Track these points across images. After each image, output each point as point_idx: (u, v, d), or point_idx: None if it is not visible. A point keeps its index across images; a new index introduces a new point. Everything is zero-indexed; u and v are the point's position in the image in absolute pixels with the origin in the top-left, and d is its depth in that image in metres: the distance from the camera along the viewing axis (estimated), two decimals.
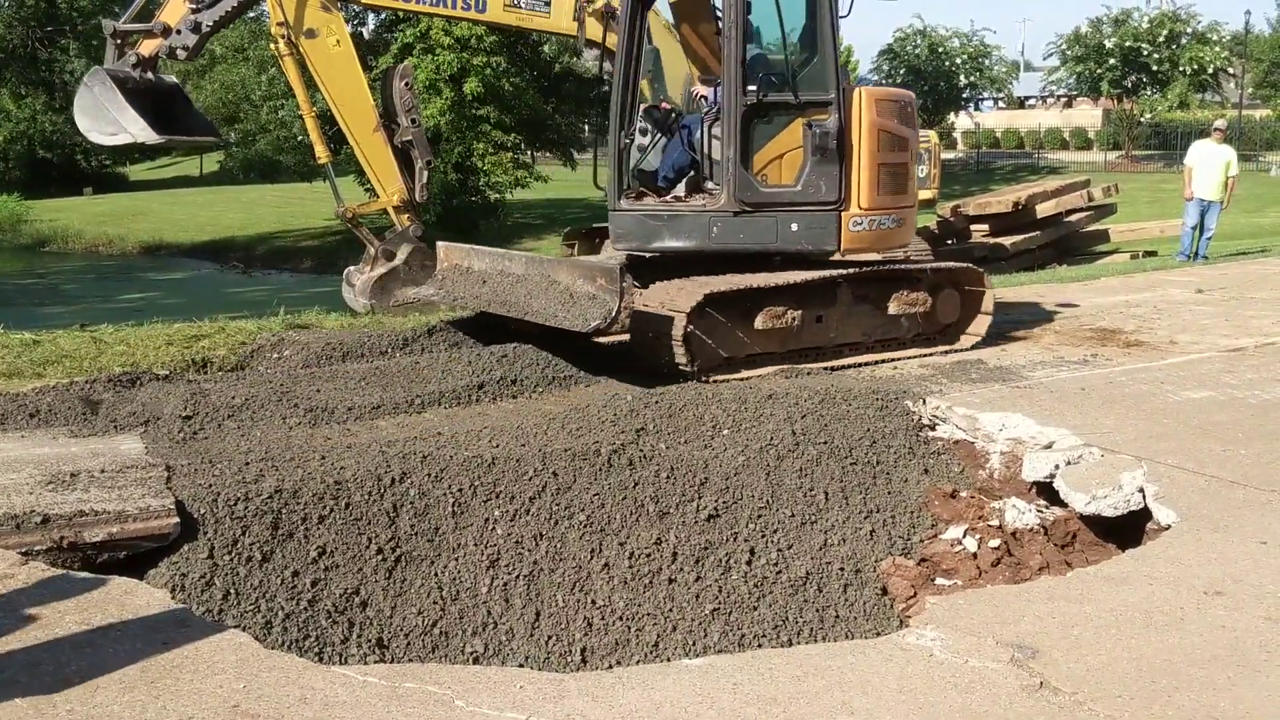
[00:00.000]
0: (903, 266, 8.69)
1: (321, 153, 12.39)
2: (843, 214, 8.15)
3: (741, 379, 7.64)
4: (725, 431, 6.62)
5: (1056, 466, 6.06)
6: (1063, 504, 5.93)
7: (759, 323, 7.80)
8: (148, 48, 10.50)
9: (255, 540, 5.23)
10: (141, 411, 6.70)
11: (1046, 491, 6.14)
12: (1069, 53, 50.99)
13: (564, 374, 7.71)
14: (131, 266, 36.09)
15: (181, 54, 10.47)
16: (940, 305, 8.73)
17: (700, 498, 6.21)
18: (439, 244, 9.31)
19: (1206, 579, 4.52)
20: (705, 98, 8.77)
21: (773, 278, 7.84)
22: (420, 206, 12.32)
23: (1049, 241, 18.21)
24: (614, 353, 8.24)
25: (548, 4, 11.54)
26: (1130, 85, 49.90)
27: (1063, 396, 7.29)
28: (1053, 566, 5.59)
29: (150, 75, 10.38)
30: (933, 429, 6.94)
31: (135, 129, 9.71)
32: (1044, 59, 59.95)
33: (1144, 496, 5.58)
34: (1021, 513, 5.96)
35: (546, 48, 35.01)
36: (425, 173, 11.91)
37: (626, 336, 7.97)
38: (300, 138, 29.20)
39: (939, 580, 5.84)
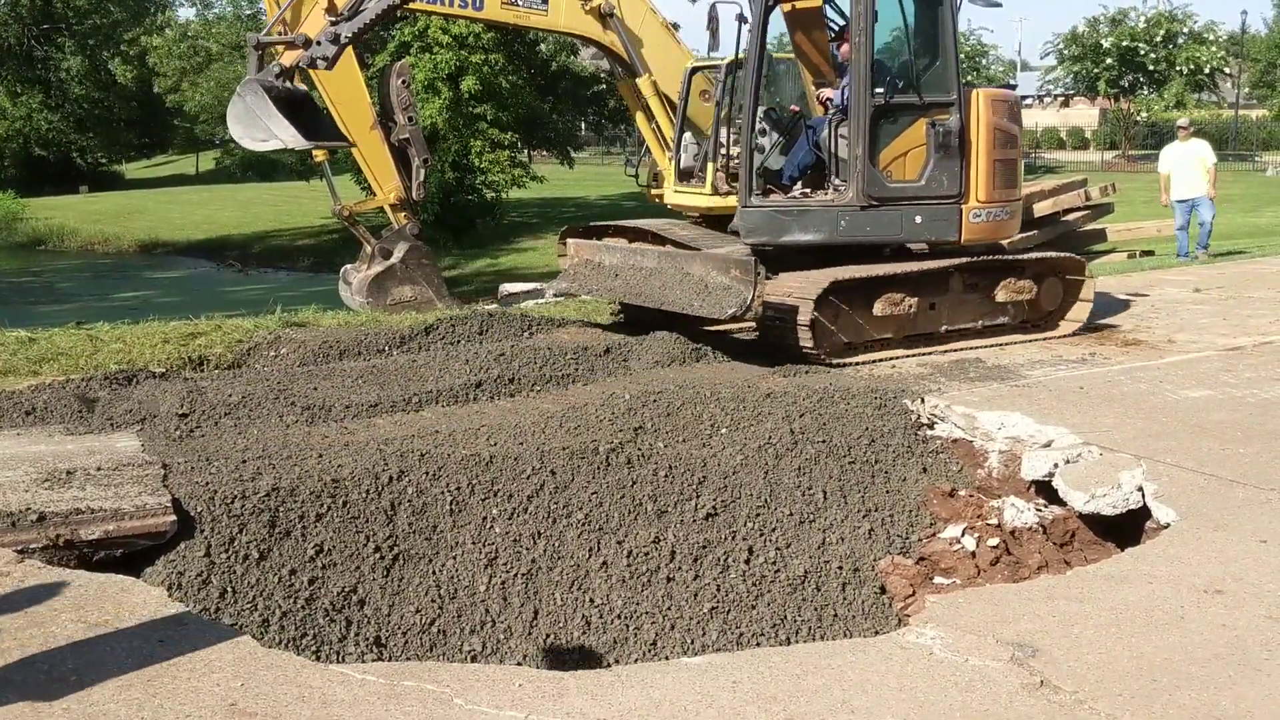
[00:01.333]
0: (1013, 256, 9.24)
1: (318, 151, 12.37)
2: (963, 207, 8.74)
3: (866, 362, 8.31)
4: (723, 430, 6.61)
5: (1055, 465, 6.05)
6: (1062, 503, 5.92)
7: (878, 309, 8.36)
8: (289, 58, 10.76)
9: (252, 538, 5.21)
10: (138, 409, 6.68)
11: (1045, 490, 6.13)
12: (1066, 52, 51.01)
13: (561, 373, 7.70)
14: (128, 265, 36.01)
15: (321, 64, 10.84)
16: (1044, 293, 9.23)
17: (698, 496, 6.19)
18: (569, 240, 9.96)
19: (1206, 577, 4.52)
20: (830, 100, 9.23)
21: (891, 267, 8.50)
22: (417, 205, 12.31)
23: (1046, 241, 18.18)
24: (611, 352, 8.23)
25: (545, 2, 11.54)
26: (1127, 85, 49.93)
27: (1061, 395, 7.28)
28: (1052, 565, 5.58)
29: (289, 84, 10.67)
30: (931, 428, 6.93)
31: (286, 135, 10.09)
32: (1041, 58, 60.04)
33: (1143, 495, 5.57)
34: (1020, 511, 5.95)
35: (543, 46, 34.99)
36: (422, 171, 11.91)
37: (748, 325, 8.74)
38: None
39: (937, 579, 5.83)
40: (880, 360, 8.37)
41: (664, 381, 7.44)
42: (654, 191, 16.11)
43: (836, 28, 9.62)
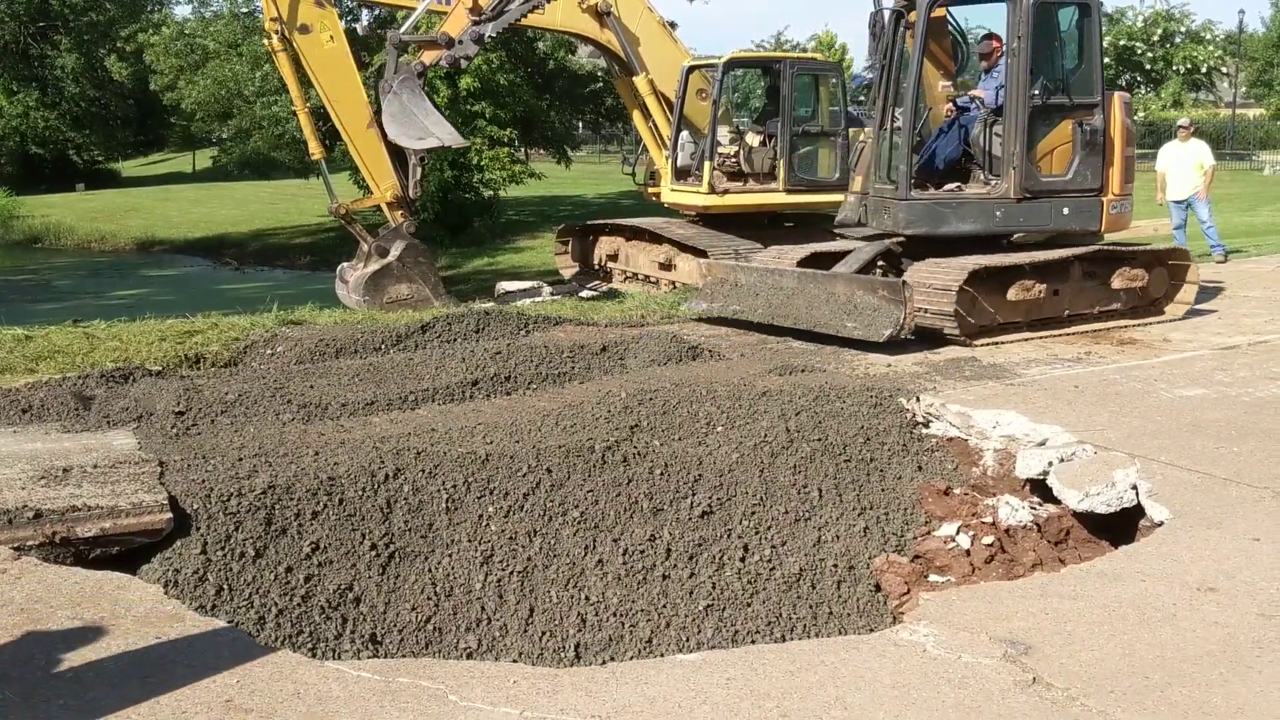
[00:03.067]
0: (1121, 248, 9.92)
1: (315, 149, 12.37)
2: (1104, 199, 9.64)
3: (997, 343, 8.90)
4: (719, 429, 6.62)
5: (1050, 464, 6.07)
6: (1056, 501, 5.94)
7: (1011, 294, 9.04)
8: (430, 57, 10.85)
9: (248, 536, 5.22)
10: (134, 407, 6.69)
11: (1040, 488, 6.15)
12: None
13: (557, 371, 7.71)
14: (124, 263, 35.96)
15: (464, 63, 11.03)
16: (1152, 281, 9.93)
17: (694, 495, 6.21)
18: (702, 261, 10.69)
19: (1199, 575, 4.54)
20: (981, 100, 9.87)
21: (1024, 257, 9.23)
22: (414, 203, 12.30)
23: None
24: (607, 350, 8.24)
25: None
26: (1124, 84, 49.93)
27: (1056, 394, 7.30)
28: (1046, 563, 5.60)
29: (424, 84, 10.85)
30: (926, 426, 6.95)
31: (444, 134, 10.40)
32: None
33: (1137, 494, 5.59)
34: (1015, 510, 5.97)
35: (541, 44, 34.96)
36: (419, 169, 11.90)
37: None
38: (295, 134, 29.09)
39: (932, 577, 5.84)
40: (1013, 341, 9.04)
41: (660, 380, 7.45)
42: (651, 190, 16.11)
43: (958, 32, 10.47)
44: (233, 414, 6.62)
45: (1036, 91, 9.29)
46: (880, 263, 9.93)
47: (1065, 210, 9.58)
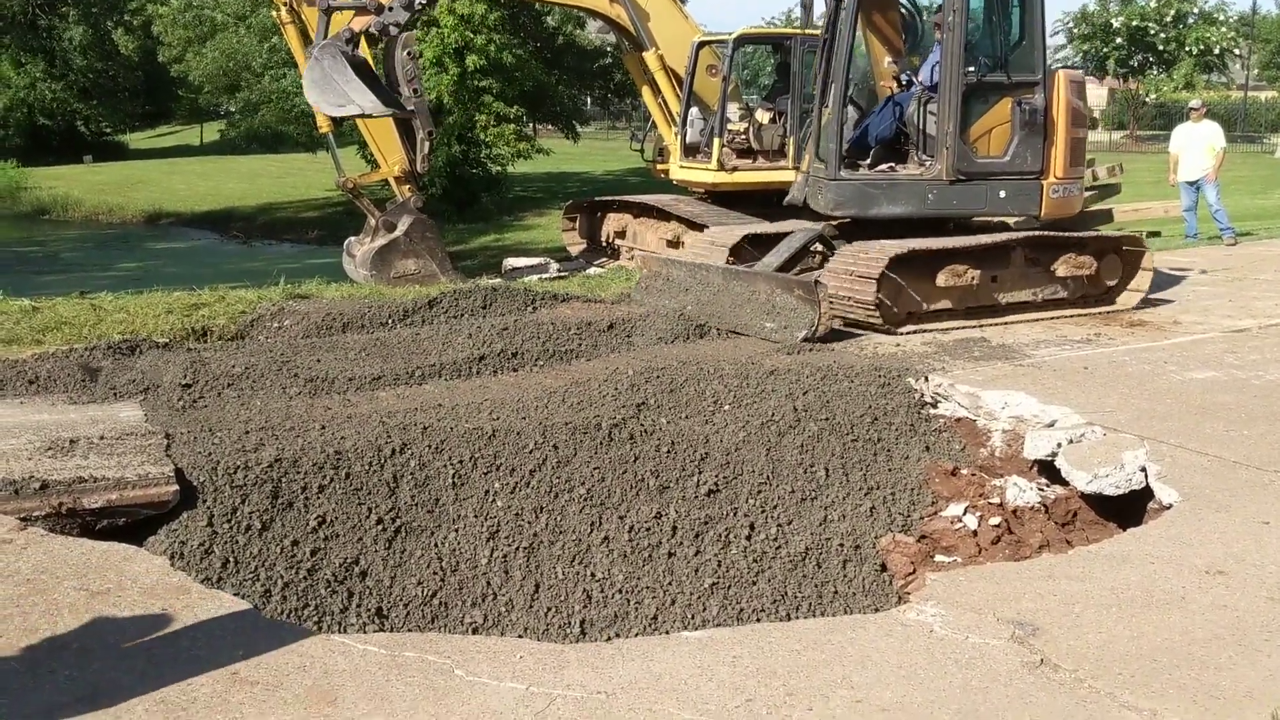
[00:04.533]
0: (1065, 234, 9.44)
1: (323, 123, 12.32)
2: (1044, 182, 9.22)
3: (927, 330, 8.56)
4: (726, 407, 6.60)
5: (1058, 445, 6.04)
6: (1064, 482, 5.92)
7: (941, 280, 8.66)
8: (359, 23, 10.69)
9: (255, 509, 5.22)
10: (141, 379, 6.68)
11: (1048, 470, 6.13)
12: (1075, 30, 50.71)
13: (564, 348, 7.69)
14: (131, 235, 35.97)
15: (394, 30, 10.78)
16: (1103, 268, 9.50)
17: (700, 473, 6.19)
18: (639, 255, 10.15)
19: (1208, 558, 4.52)
20: (916, 77, 9.58)
21: (955, 241, 8.81)
22: (422, 178, 12.27)
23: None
24: (614, 327, 8.22)
25: None
26: (1136, 65, 49.65)
27: (1065, 375, 7.27)
28: (1053, 545, 5.58)
29: (355, 51, 10.63)
30: (934, 406, 6.92)
31: (365, 101, 10.14)
32: (1050, 36, 59.65)
33: (1146, 476, 5.57)
34: (1023, 491, 5.95)
35: (550, 19, 34.80)
36: (427, 144, 11.86)
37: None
38: (303, 107, 29.06)
39: (939, 557, 5.83)
40: (942, 329, 8.70)
41: (667, 357, 7.43)
42: (659, 167, 16.04)
43: (909, 8, 10.11)
44: (239, 387, 6.62)
45: (972, 68, 8.95)
46: (819, 247, 9.61)
47: (1002, 193, 9.19)
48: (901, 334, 8.44)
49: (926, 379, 7.08)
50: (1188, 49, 47.70)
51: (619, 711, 3.33)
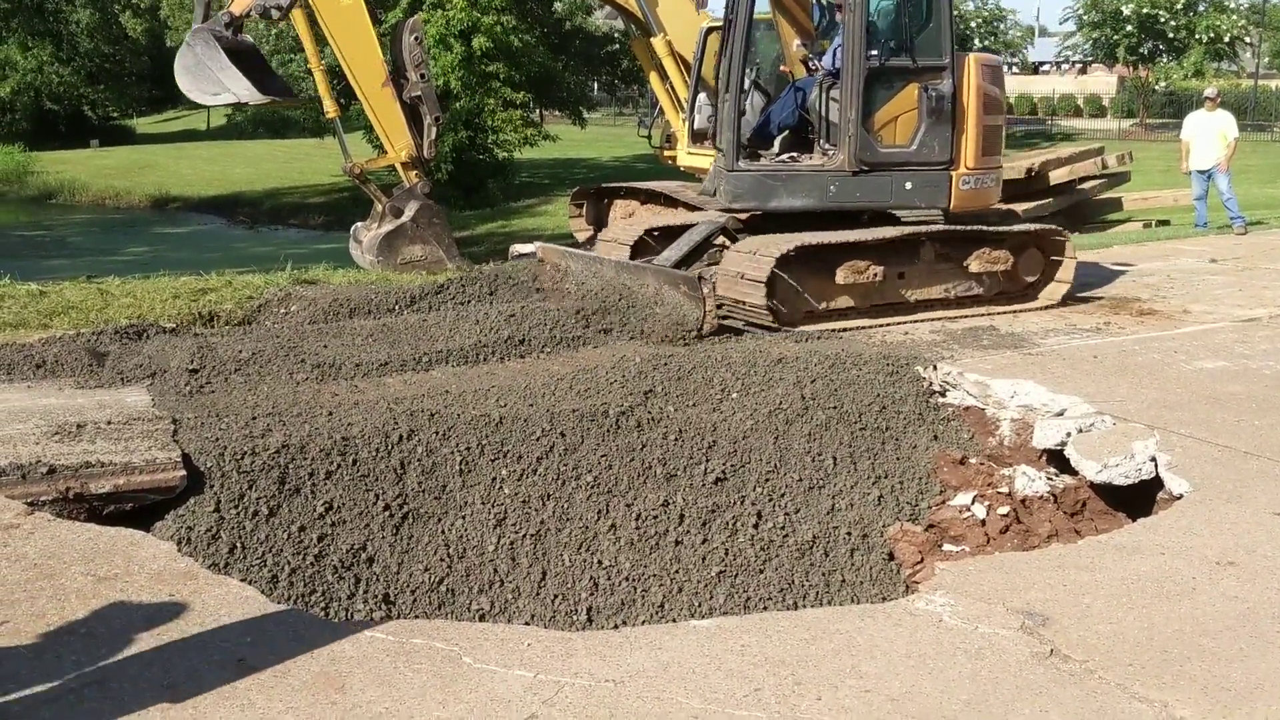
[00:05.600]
0: (984, 228, 8.94)
1: (330, 108, 12.28)
2: (953, 173, 8.63)
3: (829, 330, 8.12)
4: (734, 395, 6.58)
5: (1068, 434, 6.01)
6: (1073, 472, 5.89)
7: (841, 277, 8.16)
8: (240, 6, 10.40)
9: (262, 495, 5.22)
10: (148, 364, 6.67)
11: (1057, 459, 6.10)
12: (1085, 18, 50.42)
13: (572, 335, 7.66)
14: (138, 220, 35.99)
15: (275, 13, 10.42)
16: (1023, 264, 9.02)
17: (708, 461, 6.18)
18: (539, 245, 9.64)
19: (1219, 549, 4.49)
20: (819, 62, 9.01)
21: (855, 235, 8.27)
22: (429, 163, 12.23)
23: (1061, 209, 18.04)
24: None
25: None
26: (1146, 52, 49.39)
27: (1075, 364, 7.24)
28: (1062, 535, 5.56)
29: (237, 36, 10.34)
30: (943, 395, 6.90)
31: (239, 89, 9.79)
32: (1060, 24, 59.33)
33: (1156, 466, 5.54)
34: (1031, 480, 5.93)
35: (558, 5, 34.70)
36: (434, 129, 11.81)
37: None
38: (309, 92, 29.04)
39: (946, 547, 5.82)
40: (846, 329, 8.17)
41: (675, 345, 7.41)
42: (667, 153, 15.98)
43: None
44: (246, 373, 6.61)
45: (875, 52, 8.39)
46: (722, 240, 8.99)
47: (908, 185, 8.59)
48: (800, 331, 7.96)
49: (935, 367, 7.06)
50: (1198, 37, 47.40)
51: (627, 700, 3.32)
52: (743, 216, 8.92)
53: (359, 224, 12.73)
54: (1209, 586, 4.18)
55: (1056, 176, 17.71)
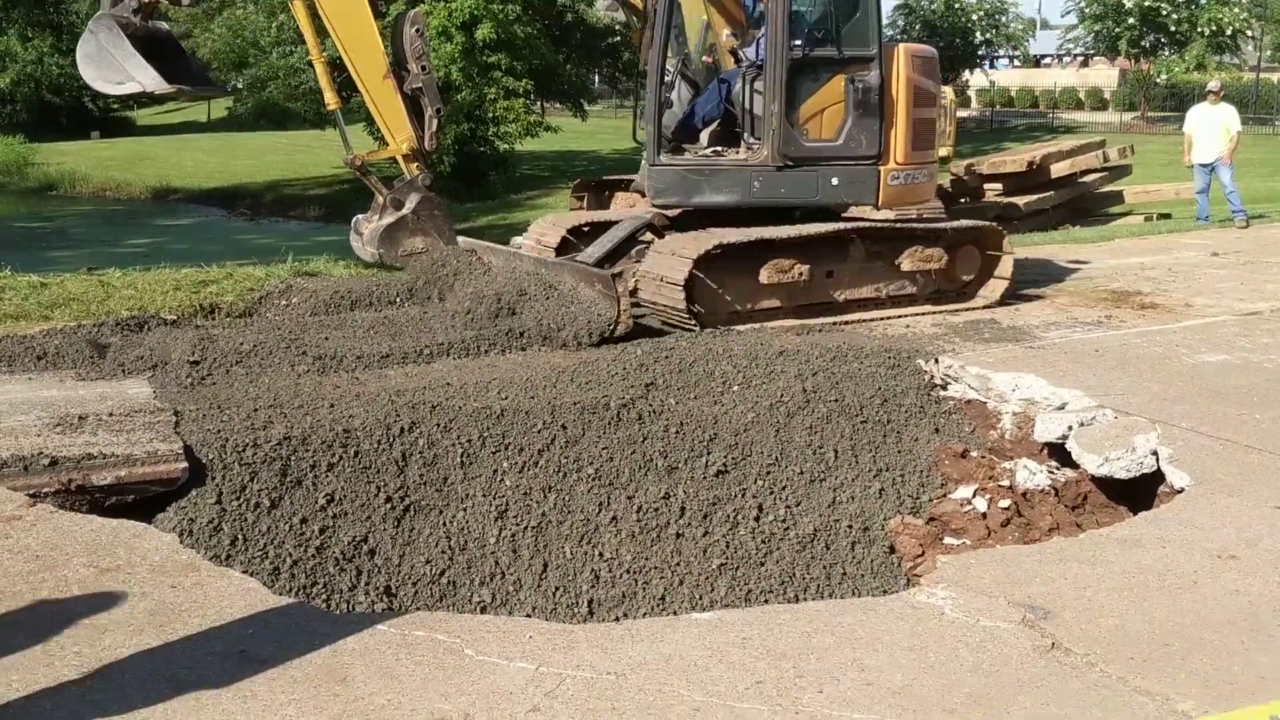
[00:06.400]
0: (921, 225, 8.61)
1: (331, 100, 12.25)
2: (881, 168, 8.30)
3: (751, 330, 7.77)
4: (735, 388, 6.58)
5: (1069, 428, 6.01)
6: (1075, 465, 5.89)
7: (764, 277, 7.84)
8: None
9: (263, 487, 5.22)
10: (149, 356, 6.67)
11: (1058, 453, 6.10)
12: (1087, 11, 50.32)
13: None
14: (139, 211, 35.93)
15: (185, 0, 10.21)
16: (959, 263, 8.74)
17: (709, 453, 6.18)
18: (461, 240, 9.28)
19: (1220, 543, 4.49)
20: (744, 52, 8.68)
21: (779, 232, 7.89)
22: (430, 155, 12.22)
23: (1063, 202, 18.04)
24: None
25: None
26: (1148, 45, 49.29)
27: (1076, 358, 7.23)
28: (1063, 528, 5.57)
29: (148, 22, 10.15)
30: (944, 388, 6.90)
31: (145, 78, 9.52)
32: (1061, 16, 59.24)
33: (1157, 459, 5.54)
34: (1033, 473, 5.93)
35: None
36: (435, 121, 11.78)
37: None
38: (310, 84, 28.96)
39: (948, 539, 5.82)
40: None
41: (676, 337, 7.41)
42: None
43: None
44: (248, 364, 6.60)
45: (799, 42, 8.02)
46: (648, 236, 8.64)
47: (835, 180, 8.22)
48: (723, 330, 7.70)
49: (937, 361, 7.06)
50: (1200, 30, 47.29)
51: (629, 692, 3.33)
52: (671, 213, 8.60)
53: (360, 216, 12.69)
54: (1210, 580, 4.18)
55: (1058, 170, 17.69)
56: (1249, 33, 51.19)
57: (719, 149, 8.51)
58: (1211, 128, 14.87)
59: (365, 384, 6.43)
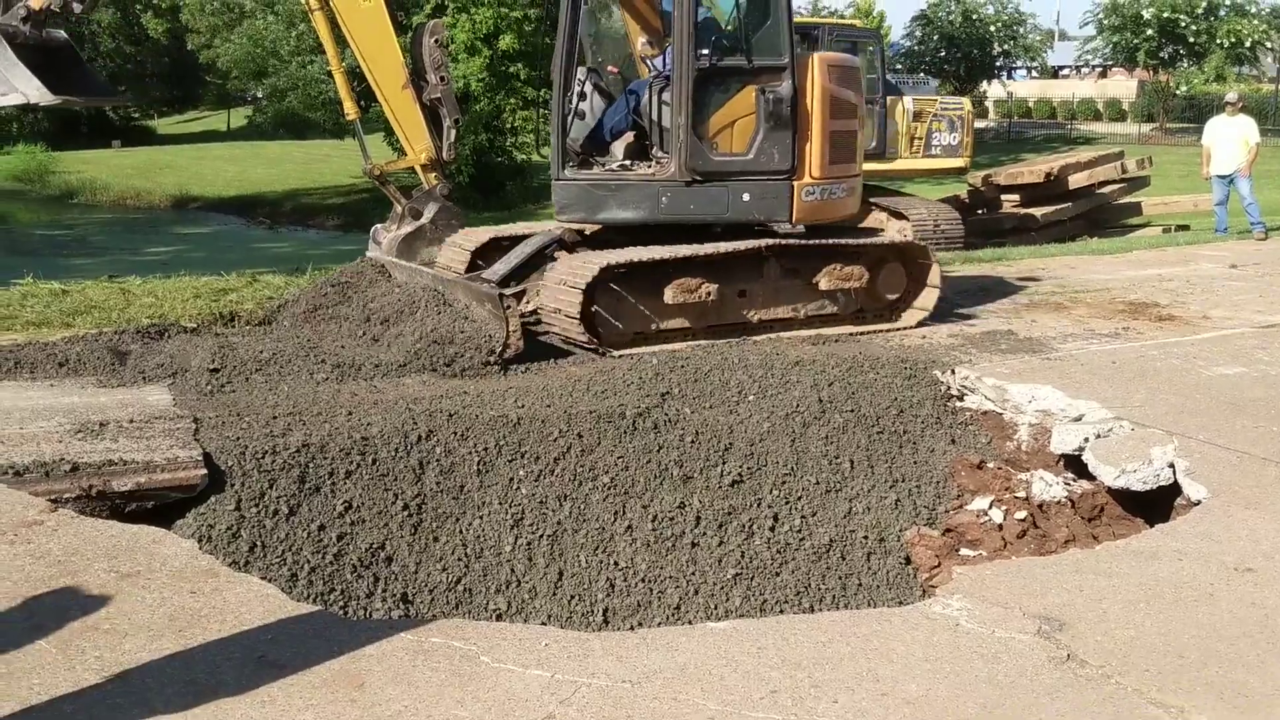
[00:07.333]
0: (839, 241, 8.27)
1: (350, 109, 12.35)
2: (795, 183, 7.88)
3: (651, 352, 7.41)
4: (750, 397, 6.59)
5: (1086, 439, 6.00)
6: (1090, 477, 5.88)
7: (670, 297, 7.48)
8: (37, 1, 10.05)
9: (282, 493, 5.25)
10: (169, 363, 6.73)
11: (1074, 464, 6.09)
12: (1105, 22, 50.21)
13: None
14: (159, 220, 36.20)
15: (77, 7, 10.01)
16: (883, 281, 8.37)
17: (724, 463, 6.19)
18: (369, 252, 9.06)
19: (1237, 555, 4.48)
20: (653, 62, 8.42)
21: (684, 250, 7.51)
22: (448, 165, 12.28)
23: (1080, 213, 18.02)
24: None
25: None
26: (1166, 57, 49.15)
27: (1093, 369, 7.22)
28: (1079, 540, 5.55)
29: (42, 31, 9.98)
30: (961, 399, 6.89)
31: (28, 89, 9.29)
32: (1079, 28, 59.07)
33: (1174, 471, 5.53)
34: (1049, 485, 5.92)
35: None
36: (453, 131, 11.85)
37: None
38: (330, 94, 29.13)
39: (963, 551, 5.81)
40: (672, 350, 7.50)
41: (691, 347, 7.43)
42: None
43: None
44: (267, 372, 6.65)
45: (706, 51, 7.64)
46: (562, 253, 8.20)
47: (746, 196, 7.79)
48: (622, 355, 7.35)
49: (953, 371, 7.05)
50: (1219, 41, 47.13)
51: (644, 700, 3.34)
52: (580, 228, 8.27)
53: (378, 225, 12.78)
54: (1227, 592, 4.17)
55: (1076, 181, 17.67)
56: (1268, 44, 50.94)
57: (627, 163, 8.15)
58: (1230, 139, 14.83)
59: (383, 392, 6.47)
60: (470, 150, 29.50)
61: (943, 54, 49.72)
